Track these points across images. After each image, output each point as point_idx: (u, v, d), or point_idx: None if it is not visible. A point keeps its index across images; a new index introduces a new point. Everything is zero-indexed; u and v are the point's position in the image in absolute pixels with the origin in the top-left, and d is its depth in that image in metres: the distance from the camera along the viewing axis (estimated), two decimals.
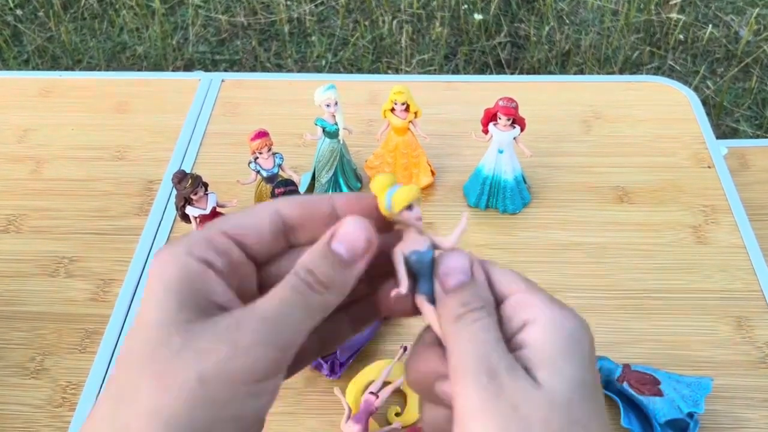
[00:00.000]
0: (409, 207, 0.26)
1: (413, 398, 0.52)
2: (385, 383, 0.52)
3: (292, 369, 0.26)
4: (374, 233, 0.25)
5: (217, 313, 0.23)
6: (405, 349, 0.53)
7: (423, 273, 0.26)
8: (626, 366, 0.50)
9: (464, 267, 0.25)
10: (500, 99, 0.60)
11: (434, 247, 0.26)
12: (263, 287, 0.25)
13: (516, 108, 0.60)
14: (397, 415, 0.51)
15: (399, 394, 0.52)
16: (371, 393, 0.50)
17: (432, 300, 0.26)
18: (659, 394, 0.48)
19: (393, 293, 0.26)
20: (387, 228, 0.27)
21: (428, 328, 0.26)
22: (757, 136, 1.46)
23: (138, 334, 0.22)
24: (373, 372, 0.52)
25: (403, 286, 0.26)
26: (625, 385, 0.49)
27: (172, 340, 0.22)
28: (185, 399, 0.21)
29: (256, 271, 0.25)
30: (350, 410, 0.50)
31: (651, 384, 0.48)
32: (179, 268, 0.23)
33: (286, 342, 0.23)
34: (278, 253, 0.26)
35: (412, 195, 0.26)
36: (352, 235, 0.24)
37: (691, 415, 0.47)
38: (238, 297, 0.24)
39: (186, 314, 0.22)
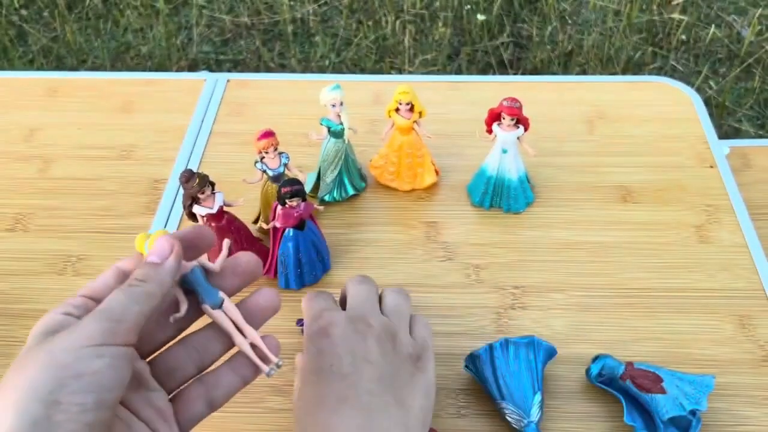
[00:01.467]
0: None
1: None
2: None
3: (150, 347, 0.37)
4: (177, 242, 0.35)
5: None
6: None
7: (200, 287, 0.37)
8: (629, 364, 0.50)
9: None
10: (504, 99, 0.60)
11: (203, 266, 0.38)
12: None
13: (520, 108, 0.60)
14: None
15: None
16: None
17: (214, 306, 0.37)
18: (662, 391, 0.48)
19: (171, 318, 0.36)
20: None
21: None
22: (760, 136, 1.46)
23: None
24: None
25: (182, 308, 0.37)
26: (628, 382, 0.49)
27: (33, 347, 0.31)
28: (36, 368, 0.28)
29: None
30: None
31: (654, 382, 0.49)
32: (45, 321, 0.32)
33: (116, 316, 0.31)
34: None
35: (147, 241, 0.36)
36: (158, 244, 0.34)
37: (693, 412, 0.48)
38: None
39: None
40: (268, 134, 0.57)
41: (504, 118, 0.61)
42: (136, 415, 0.33)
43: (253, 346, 0.37)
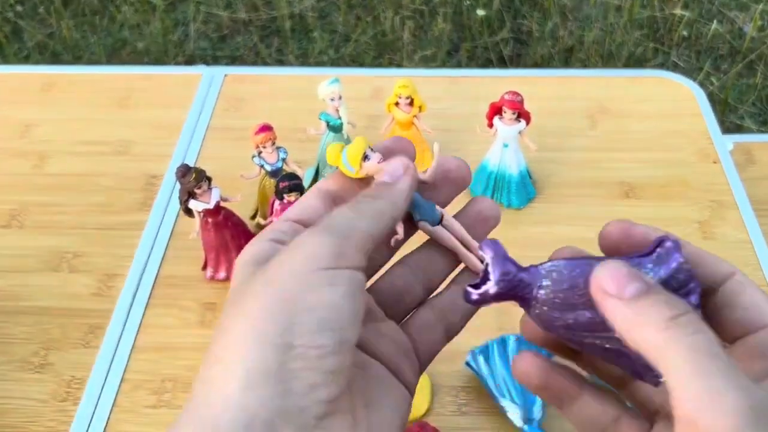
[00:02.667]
0: (365, 158, 0.27)
1: (419, 393, 0.51)
2: None
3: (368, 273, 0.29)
4: (412, 163, 0.27)
5: None
6: None
7: (415, 203, 0.29)
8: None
9: (627, 274, 0.23)
10: (505, 93, 0.60)
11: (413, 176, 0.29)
12: None
13: (521, 102, 0.59)
14: None
15: None
16: None
17: (433, 223, 0.30)
18: None
19: (392, 241, 0.29)
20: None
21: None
22: (762, 132, 1.45)
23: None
24: None
25: (400, 229, 0.29)
26: None
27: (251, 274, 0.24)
28: (258, 305, 0.22)
29: None
30: None
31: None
32: (252, 251, 0.25)
33: (342, 234, 0.24)
34: None
35: (361, 146, 0.27)
36: (391, 165, 0.27)
37: None
38: None
39: None
40: (266, 129, 0.57)
41: (505, 112, 0.60)
42: (371, 353, 0.27)
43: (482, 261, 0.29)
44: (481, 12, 1.73)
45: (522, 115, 0.60)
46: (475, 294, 0.25)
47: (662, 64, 1.61)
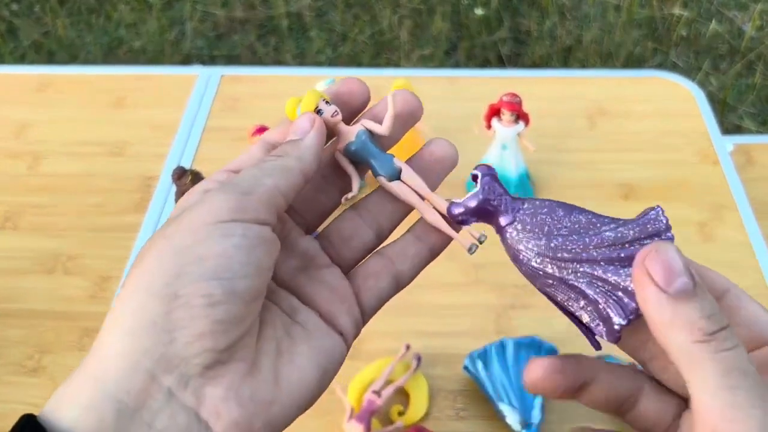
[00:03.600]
0: (319, 111, 0.28)
1: (416, 397, 0.51)
2: (388, 382, 0.51)
3: (316, 220, 0.29)
4: (319, 118, 0.28)
5: None
6: (408, 347, 0.53)
7: (371, 156, 0.28)
8: (633, 365, 0.49)
9: (679, 266, 0.22)
10: (504, 94, 0.59)
11: (369, 131, 0.29)
12: None
13: (520, 103, 0.59)
14: (400, 414, 0.50)
15: (401, 393, 0.51)
16: (374, 392, 0.49)
17: (391, 178, 0.29)
18: None
19: (343, 199, 0.29)
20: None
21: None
22: (761, 133, 1.45)
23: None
24: (375, 370, 0.52)
25: (354, 185, 0.29)
26: None
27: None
28: (152, 258, 0.23)
29: None
30: (352, 409, 0.49)
31: None
32: (180, 202, 0.27)
33: (244, 189, 0.25)
34: None
35: (314, 98, 0.28)
36: (298, 121, 0.28)
37: None
38: None
39: None
40: (263, 130, 0.56)
41: (504, 114, 0.59)
42: (304, 300, 0.27)
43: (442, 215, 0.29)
44: (479, 11, 1.72)
45: (521, 116, 0.60)
46: (457, 205, 0.27)
47: (661, 64, 1.60)
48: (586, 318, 0.25)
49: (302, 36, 1.73)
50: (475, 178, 0.28)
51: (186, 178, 0.53)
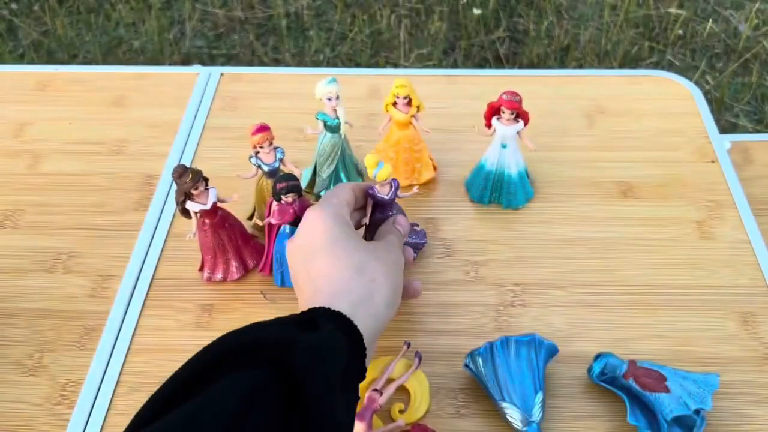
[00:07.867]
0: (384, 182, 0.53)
1: (417, 395, 0.51)
2: (389, 380, 0.51)
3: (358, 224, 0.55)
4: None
5: None
6: (408, 345, 0.53)
7: (383, 205, 0.53)
8: (632, 362, 0.50)
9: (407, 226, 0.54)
10: (504, 93, 0.59)
11: (395, 194, 0.53)
12: None
13: (520, 102, 0.59)
14: (401, 412, 0.51)
15: (403, 391, 0.52)
16: (374, 390, 0.49)
17: (381, 214, 0.54)
18: (666, 390, 0.47)
19: (363, 221, 0.54)
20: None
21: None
22: (757, 131, 1.46)
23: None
24: (375, 369, 0.52)
25: (367, 217, 0.54)
26: (630, 381, 0.48)
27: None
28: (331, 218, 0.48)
29: None
30: None
31: (657, 380, 0.48)
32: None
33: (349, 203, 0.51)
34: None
35: (387, 175, 0.52)
36: (403, 225, 0.54)
37: (697, 411, 0.47)
38: None
39: None
40: (263, 129, 0.56)
41: (503, 112, 0.60)
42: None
43: None
44: (477, 11, 1.72)
45: (520, 115, 0.60)
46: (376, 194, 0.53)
47: (658, 63, 1.61)
48: None
49: (301, 35, 1.73)
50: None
51: (186, 177, 0.53)
